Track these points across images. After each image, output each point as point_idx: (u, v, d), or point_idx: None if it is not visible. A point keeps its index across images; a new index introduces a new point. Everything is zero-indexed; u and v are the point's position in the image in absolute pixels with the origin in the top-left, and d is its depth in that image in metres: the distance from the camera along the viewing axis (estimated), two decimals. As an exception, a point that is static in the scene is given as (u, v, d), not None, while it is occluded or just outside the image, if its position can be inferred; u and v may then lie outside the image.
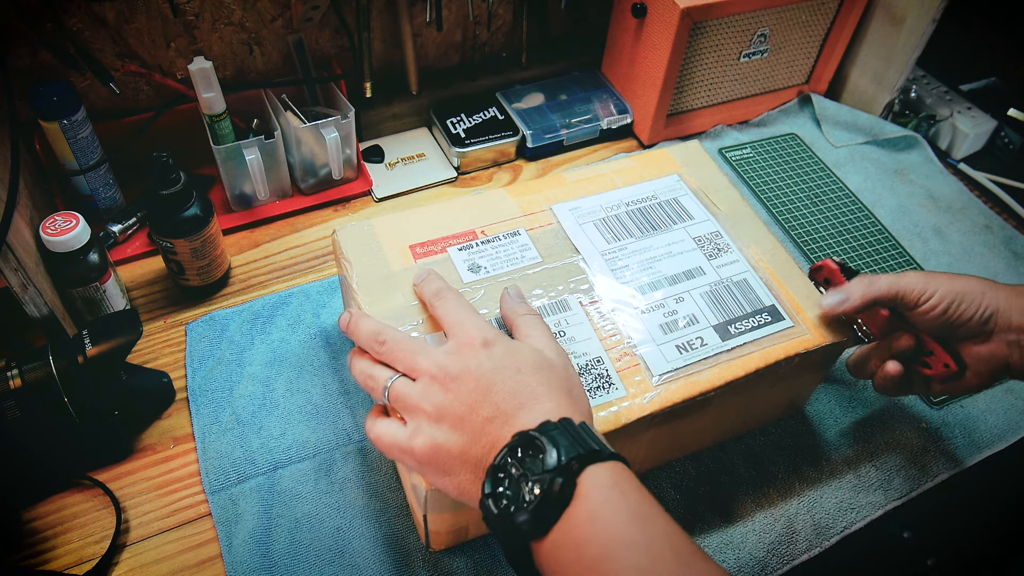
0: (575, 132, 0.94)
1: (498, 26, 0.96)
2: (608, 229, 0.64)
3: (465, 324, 0.49)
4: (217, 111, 0.74)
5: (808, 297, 0.61)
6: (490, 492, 0.42)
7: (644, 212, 0.66)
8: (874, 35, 0.97)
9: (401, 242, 0.60)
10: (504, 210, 0.64)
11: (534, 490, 0.40)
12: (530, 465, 0.41)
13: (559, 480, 0.39)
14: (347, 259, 0.59)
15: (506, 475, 0.41)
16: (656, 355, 0.56)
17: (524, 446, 0.42)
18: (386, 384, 0.48)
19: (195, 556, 0.58)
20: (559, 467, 0.40)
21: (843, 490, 0.65)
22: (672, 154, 0.72)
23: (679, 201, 0.67)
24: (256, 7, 0.80)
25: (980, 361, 0.57)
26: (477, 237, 0.62)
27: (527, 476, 0.40)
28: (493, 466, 0.42)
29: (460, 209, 0.64)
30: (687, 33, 0.85)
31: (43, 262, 0.64)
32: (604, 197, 0.67)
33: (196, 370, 0.68)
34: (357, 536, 0.59)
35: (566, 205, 0.65)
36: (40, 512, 0.59)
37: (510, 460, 0.41)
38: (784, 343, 0.57)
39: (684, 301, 0.59)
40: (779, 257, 0.63)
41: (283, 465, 0.62)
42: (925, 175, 0.96)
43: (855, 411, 0.70)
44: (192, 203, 0.68)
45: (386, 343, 0.50)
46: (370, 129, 0.93)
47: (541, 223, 0.64)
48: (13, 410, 0.56)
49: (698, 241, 0.64)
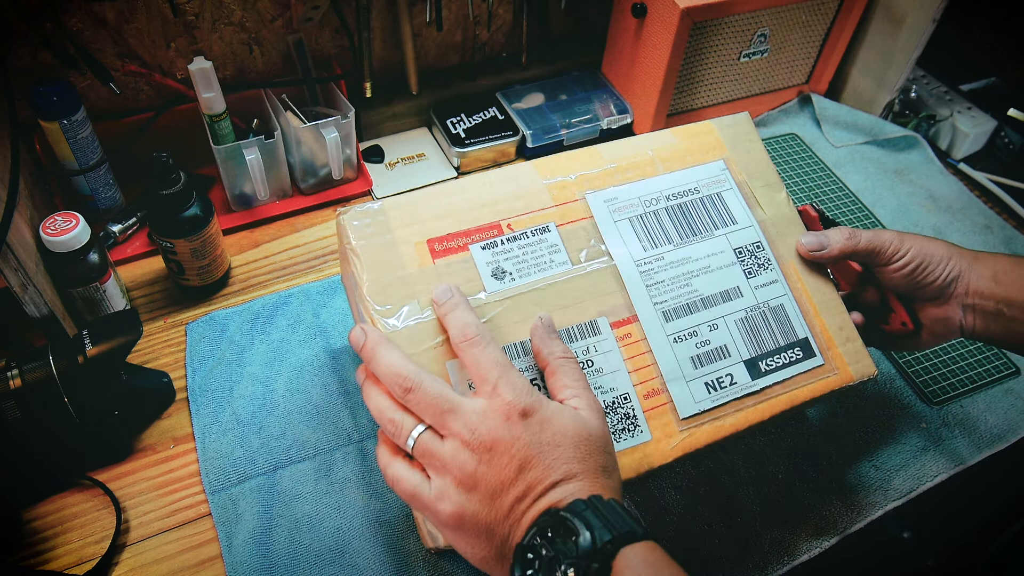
0: (575, 132, 0.94)
1: (498, 26, 0.96)
2: (645, 231, 0.58)
3: (500, 386, 0.45)
4: (217, 111, 0.74)
5: (841, 329, 0.58)
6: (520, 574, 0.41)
7: (684, 210, 0.60)
8: (874, 35, 0.97)
9: (418, 234, 0.53)
10: (533, 198, 0.57)
11: (567, 572, 0.39)
12: (561, 547, 0.40)
13: (595, 566, 0.39)
14: (355, 252, 0.52)
15: (536, 556, 0.40)
16: (685, 394, 0.53)
17: (555, 527, 0.41)
18: (412, 435, 0.45)
19: (195, 556, 0.58)
20: (594, 551, 0.39)
21: (843, 490, 0.65)
22: (719, 132, 0.64)
23: (722, 198, 0.61)
24: (256, 7, 0.80)
25: (936, 322, 0.60)
26: (503, 232, 0.55)
27: (559, 560, 0.39)
28: (522, 546, 0.41)
29: (484, 191, 0.56)
30: (687, 33, 0.85)
31: (43, 262, 0.64)
32: (643, 186, 0.60)
33: (196, 370, 0.68)
34: (357, 536, 0.59)
35: (601, 195, 0.58)
36: (40, 512, 0.59)
37: (539, 540, 0.41)
38: (812, 384, 0.56)
39: (718, 329, 0.56)
40: (817, 278, 0.60)
41: (283, 465, 0.62)
42: (925, 175, 0.96)
43: (855, 411, 0.70)
44: (192, 203, 0.68)
45: (413, 392, 0.45)
46: (370, 129, 0.92)
47: (573, 217, 0.57)
48: (13, 410, 0.56)
49: (738, 253, 0.59)
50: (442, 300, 0.50)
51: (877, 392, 0.72)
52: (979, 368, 0.75)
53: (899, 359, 0.74)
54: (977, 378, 0.74)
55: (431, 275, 0.52)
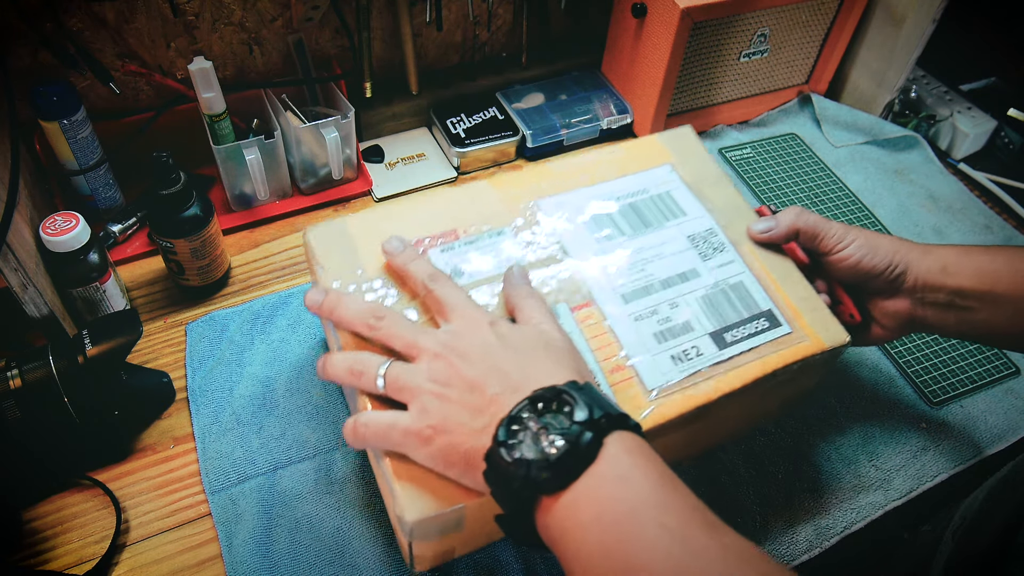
0: (575, 132, 0.94)
1: (498, 26, 0.96)
2: (597, 227, 0.61)
3: (468, 307, 0.48)
4: (217, 111, 0.74)
5: (805, 299, 0.59)
6: (503, 441, 0.40)
7: (635, 208, 0.63)
8: (874, 35, 0.97)
9: (378, 244, 0.56)
10: (487, 207, 0.61)
11: (555, 443, 0.38)
12: (550, 420, 0.40)
13: (588, 435, 0.38)
14: (320, 264, 0.56)
15: (522, 427, 0.40)
16: (650, 368, 0.54)
17: (546, 400, 0.41)
18: (379, 371, 0.46)
19: (195, 556, 0.58)
20: (588, 422, 0.39)
21: (843, 490, 0.65)
22: (663, 143, 0.68)
23: (671, 195, 0.64)
24: (256, 7, 0.80)
25: (887, 315, 0.60)
26: (459, 237, 0.58)
27: (548, 430, 0.39)
28: (510, 417, 0.41)
29: (440, 204, 0.61)
30: (687, 33, 0.85)
31: (43, 262, 0.64)
32: (592, 191, 0.63)
33: (196, 370, 0.68)
34: (357, 536, 0.59)
35: (552, 200, 0.62)
36: (40, 512, 0.59)
37: (527, 414, 0.40)
38: (782, 351, 0.56)
39: (678, 307, 0.57)
40: (774, 256, 0.62)
41: (283, 465, 0.62)
42: (925, 175, 0.96)
43: (855, 411, 0.70)
44: (192, 203, 0.68)
45: (384, 319, 0.47)
46: (370, 129, 0.92)
47: (526, 220, 0.61)
48: (13, 410, 0.56)
49: (692, 240, 0.61)
50: (398, 250, 0.53)
51: (877, 392, 0.72)
52: (979, 368, 0.75)
53: (899, 359, 0.74)
54: (977, 378, 0.74)
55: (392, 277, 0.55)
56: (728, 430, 0.64)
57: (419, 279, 0.51)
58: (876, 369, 0.74)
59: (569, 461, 0.38)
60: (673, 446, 0.59)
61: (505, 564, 0.58)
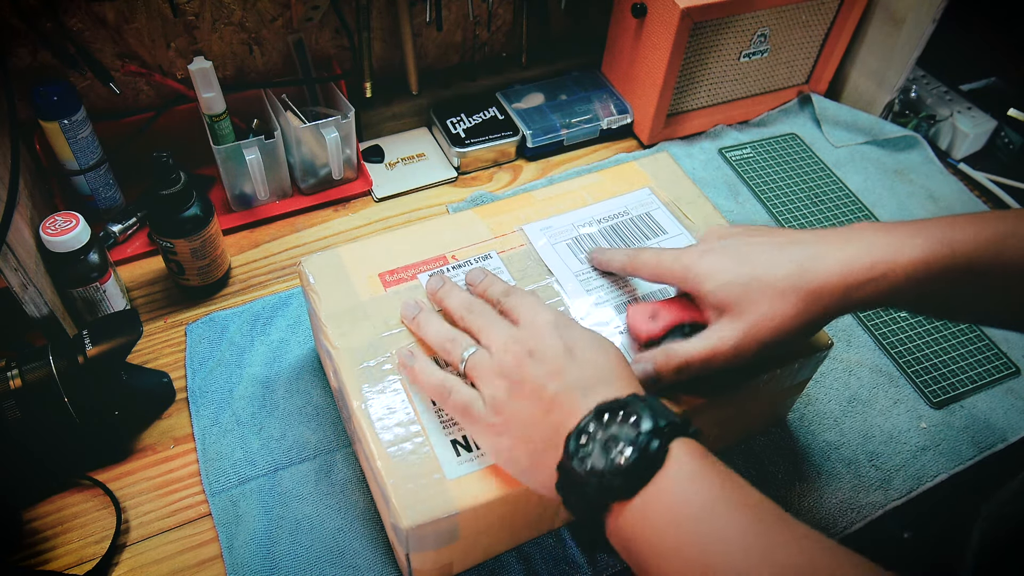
0: (575, 132, 0.94)
1: (498, 26, 0.96)
2: (581, 248, 0.63)
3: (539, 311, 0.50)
4: (217, 111, 0.74)
5: None
6: (574, 451, 0.42)
7: (617, 229, 0.65)
8: (874, 35, 0.97)
9: (370, 270, 0.60)
10: (474, 233, 0.64)
11: (624, 451, 0.40)
12: (616, 431, 0.41)
13: (655, 442, 0.40)
14: (314, 291, 0.58)
15: (589, 439, 0.41)
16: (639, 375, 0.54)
17: (612, 412, 0.42)
18: (467, 350, 0.50)
19: (195, 556, 0.58)
20: (654, 430, 0.40)
21: (843, 490, 0.65)
22: (641, 167, 0.71)
23: (651, 215, 0.67)
24: (256, 7, 0.80)
25: None
26: (448, 262, 0.61)
27: (616, 439, 0.40)
28: (577, 430, 0.42)
29: (429, 234, 0.64)
30: (687, 33, 0.85)
31: (43, 262, 0.64)
32: (575, 215, 0.66)
33: (196, 371, 0.68)
34: (358, 537, 0.59)
35: (536, 225, 0.65)
36: (40, 512, 0.59)
37: (593, 426, 0.42)
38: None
39: None
40: None
41: (283, 466, 0.62)
42: (925, 175, 0.96)
43: (855, 411, 0.70)
44: (192, 203, 0.68)
45: (473, 312, 0.52)
46: (370, 129, 0.92)
47: (512, 245, 0.63)
48: (13, 410, 0.56)
49: None
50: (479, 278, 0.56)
51: (877, 392, 0.72)
52: (979, 368, 0.75)
53: (899, 359, 0.74)
54: (977, 378, 0.74)
55: (382, 300, 0.58)
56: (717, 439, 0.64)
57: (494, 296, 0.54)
58: (876, 369, 0.74)
59: (640, 467, 0.40)
60: None
61: (505, 564, 0.58)
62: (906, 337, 0.76)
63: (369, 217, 0.85)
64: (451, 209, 0.86)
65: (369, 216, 0.85)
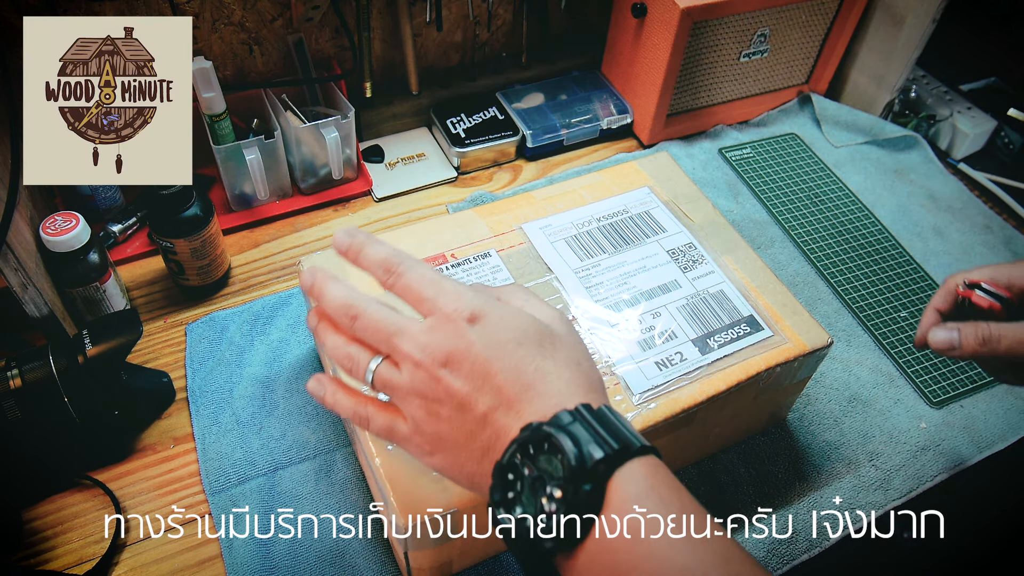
0: (575, 132, 0.94)
1: (498, 26, 0.96)
2: (580, 246, 0.64)
3: (439, 299, 0.41)
4: (217, 111, 0.74)
5: (785, 305, 0.61)
6: (500, 499, 0.36)
7: (616, 227, 0.66)
8: (874, 35, 0.97)
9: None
10: (474, 232, 0.64)
11: (554, 495, 0.34)
12: (545, 466, 0.35)
13: (586, 488, 0.34)
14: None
15: (517, 476, 0.36)
16: (636, 374, 0.56)
17: (536, 442, 0.36)
18: (369, 368, 0.42)
19: (195, 556, 0.58)
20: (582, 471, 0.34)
21: (843, 490, 0.65)
22: (641, 167, 0.72)
23: (651, 214, 0.67)
24: (256, 7, 0.80)
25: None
26: (448, 260, 0.61)
27: (544, 481, 0.35)
28: (500, 465, 0.37)
29: (429, 233, 0.64)
30: (687, 33, 0.85)
31: (43, 262, 0.64)
32: (574, 214, 0.66)
33: (196, 371, 0.68)
34: (357, 536, 0.59)
35: (536, 224, 0.65)
36: (40, 512, 0.59)
37: (519, 458, 0.36)
38: (764, 353, 0.58)
39: (661, 316, 0.59)
40: (754, 266, 0.64)
41: (283, 466, 0.62)
42: (925, 175, 0.96)
43: (855, 411, 0.70)
44: (192, 203, 0.68)
45: (358, 319, 0.42)
46: (370, 129, 0.92)
47: (512, 243, 0.63)
48: (13, 410, 0.56)
49: (672, 254, 0.64)
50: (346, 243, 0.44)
51: (877, 392, 0.72)
52: (979, 368, 0.74)
53: (899, 359, 0.74)
54: (977, 378, 0.74)
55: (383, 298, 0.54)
56: (717, 439, 0.64)
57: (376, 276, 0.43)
58: (876, 369, 0.74)
59: (571, 520, 0.34)
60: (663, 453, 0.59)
61: (504, 563, 0.58)
62: (906, 337, 0.76)
63: (369, 217, 0.85)
64: (451, 209, 0.86)
65: (369, 216, 0.85)
